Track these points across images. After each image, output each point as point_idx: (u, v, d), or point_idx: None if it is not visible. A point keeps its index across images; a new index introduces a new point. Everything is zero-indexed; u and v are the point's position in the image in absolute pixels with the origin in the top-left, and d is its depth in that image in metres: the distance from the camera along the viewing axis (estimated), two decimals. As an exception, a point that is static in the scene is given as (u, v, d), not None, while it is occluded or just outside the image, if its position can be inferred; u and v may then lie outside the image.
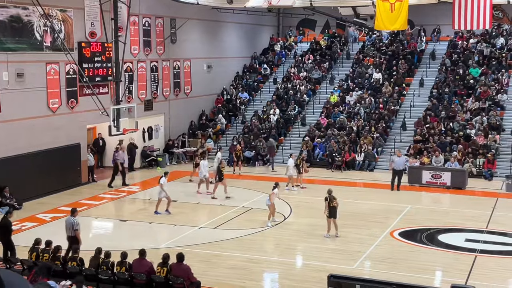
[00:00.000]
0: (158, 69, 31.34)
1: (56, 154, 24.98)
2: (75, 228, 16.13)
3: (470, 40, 36.78)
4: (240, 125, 34.58)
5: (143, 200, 24.63)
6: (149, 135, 31.22)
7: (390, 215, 21.15)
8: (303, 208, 22.44)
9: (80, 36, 26.07)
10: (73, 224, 16.16)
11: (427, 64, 36.12)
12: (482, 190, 25.41)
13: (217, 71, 36.43)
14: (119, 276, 13.38)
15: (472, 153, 28.03)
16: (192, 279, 13.17)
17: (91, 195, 24.72)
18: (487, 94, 31.93)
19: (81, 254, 14.18)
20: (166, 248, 16.90)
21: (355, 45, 40.13)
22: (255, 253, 17.35)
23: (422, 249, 17.87)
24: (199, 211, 22.10)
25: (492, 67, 34.10)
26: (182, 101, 33.45)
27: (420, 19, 37.62)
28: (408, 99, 33.86)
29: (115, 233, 20.21)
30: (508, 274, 16.03)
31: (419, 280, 14.56)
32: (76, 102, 26.12)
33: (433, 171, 26.08)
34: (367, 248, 17.57)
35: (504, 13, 38.05)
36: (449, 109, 31.34)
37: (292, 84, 36.87)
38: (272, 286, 15.63)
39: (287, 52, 41.19)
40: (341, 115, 32.83)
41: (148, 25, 30.49)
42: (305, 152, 29.61)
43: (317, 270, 15.64)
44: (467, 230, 19.76)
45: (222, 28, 36.84)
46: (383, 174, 28.37)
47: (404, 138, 30.82)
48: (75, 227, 16.14)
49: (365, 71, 36.32)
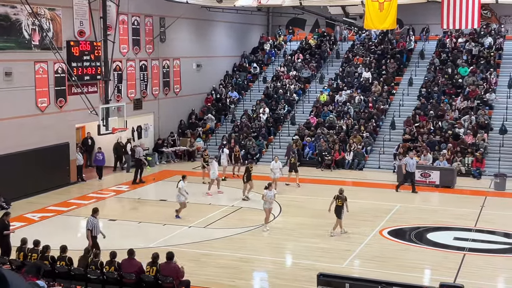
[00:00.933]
0: (147, 68, 31.26)
1: (45, 154, 24.86)
2: (87, 227, 16.05)
3: (459, 39, 36.94)
4: (229, 124, 34.57)
5: (133, 200, 24.56)
6: (138, 134, 31.13)
7: (379, 214, 21.20)
8: (293, 207, 22.45)
9: (68, 35, 25.95)
10: (87, 223, 16.13)
11: (416, 63, 36.25)
12: (470, 189, 25.52)
13: (206, 70, 36.37)
14: (108, 275, 13.33)
15: (461, 152, 28.17)
16: (181, 278, 13.16)
17: (80, 195, 24.62)
18: (476, 93, 32.09)
19: (70, 253, 14.10)
20: (155, 247, 16.84)
21: (345, 44, 40.21)
22: (245, 252, 17.34)
23: (411, 247, 17.94)
24: (189, 210, 22.03)
25: (481, 66, 34.27)
26: (172, 100, 33.38)
27: (409, 18, 37.76)
28: (397, 98, 33.97)
29: (104, 232, 20.09)
30: (497, 272, 16.12)
31: (408, 278, 14.61)
32: (65, 101, 26.00)
33: (422, 170, 26.17)
34: (357, 247, 17.62)
35: (492, 12, 38.25)
36: (438, 108, 31.47)
37: (281, 83, 36.89)
38: (262, 285, 15.63)
39: (277, 51, 41.21)
40: (330, 114, 32.88)
41: (137, 24, 30.39)
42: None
43: (306, 269, 15.66)
44: (456, 228, 19.85)
45: (211, 27, 36.79)
46: (372, 173, 28.50)
47: (393, 137, 30.93)
48: (88, 226, 16.06)
49: (355, 70, 36.41)
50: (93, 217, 16.22)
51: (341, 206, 18.45)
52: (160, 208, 22.55)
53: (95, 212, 16.35)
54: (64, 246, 14.17)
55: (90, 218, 16.25)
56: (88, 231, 16.04)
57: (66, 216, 21.47)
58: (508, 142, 29.17)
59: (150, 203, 23.92)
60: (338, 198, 18.52)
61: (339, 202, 18.47)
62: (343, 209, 18.48)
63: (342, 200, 18.47)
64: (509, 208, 22.51)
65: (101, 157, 27.21)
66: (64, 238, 16.10)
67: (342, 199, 18.48)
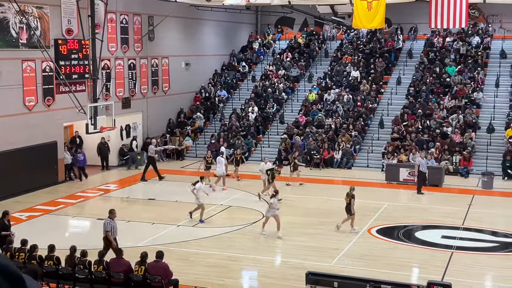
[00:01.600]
0: (136, 67, 31.16)
1: (33, 152, 24.72)
2: (105, 229, 15.57)
3: (447, 38, 37.13)
4: (218, 123, 34.54)
5: (121, 199, 24.50)
6: (127, 133, 31.04)
7: (368, 212, 21.25)
8: (282, 206, 22.38)
9: (56, 33, 25.82)
10: (105, 225, 15.64)
11: (404, 63, 36.39)
12: (458, 187, 25.67)
13: (195, 69, 36.32)
14: (96, 275, 13.29)
15: (449, 150, 28.32)
16: (170, 277, 13.15)
17: (68, 194, 24.52)
18: (463, 92, 32.26)
19: (57, 253, 14.04)
20: (144, 246, 16.81)
21: (333, 43, 40.29)
22: (234, 251, 17.35)
23: (399, 246, 18.02)
24: (177, 209, 22.01)
25: (468, 65, 34.46)
26: (160, 99, 33.30)
27: (397, 17, 37.90)
28: (385, 97, 34.10)
29: (93, 231, 20.05)
30: (484, 270, 16.21)
31: (396, 276, 14.66)
32: (53, 100, 25.88)
33: (410, 169, 26.28)
34: (345, 245, 17.66)
35: (480, 12, 38.46)
36: (426, 107, 31.61)
37: (270, 82, 36.90)
38: (251, 284, 15.64)
39: (266, 50, 41.22)
40: (319, 113, 32.93)
41: (126, 22, 30.30)
42: (283, 152, 29.62)
43: (295, 268, 15.68)
44: (444, 227, 19.96)
45: (200, 25, 36.73)
46: (361, 172, 28.58)
47: (381, 136, 31.03)
48: (106, 228, 15.55)
49: (343, 69, 36.49)
50: (109, 219, 15.68)
51: (349, 203, 18.78)
52: (149, 207, 22.51)
53: (112, 214, 15.83)
54: (52, 245, 14.10)
55: (107, 220, 15.68)
56: (107, 232, 15.45)
57: (53, 216, 21.37)
58: (495, 141, 29.36)
59: (138, 202, 23.86)
60: (347, 195, 18.92)
61: (347, 199, 18.84)
62: (351, 205, 18.77)
63: (349, 197, 18.78)
64: (497, 207, 22.68)
65: (82, 157, 26.94)
66: (52, 238, 16.03)
67: (349, 196, 18.79)
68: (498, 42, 36.47)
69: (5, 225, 15.99)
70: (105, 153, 29.10)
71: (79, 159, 26.93)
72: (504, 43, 36.17)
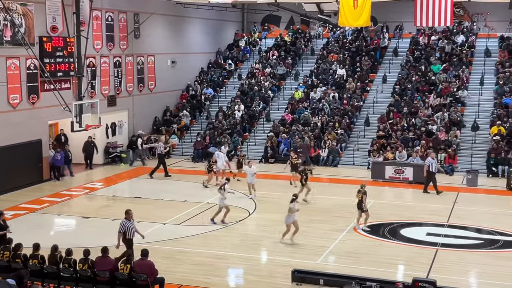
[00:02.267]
0: (121, 65, 31.02)
1: (17, 151, 24.54)
2: (119, 230, 15.22)
3: (432, 37, 37.31)
4: (204, 121, 34.49)
5: (106, 197, 24.40)
6: (112, 131, 30.90)
7: (354, 210, 21.26)
8: (268, 204, 22.49)
9: (41, 31, 25.64)
10: (120, 226, 15.28)
11: (389, 61, 36.53)
12: (443, 185, 25.74)
13: (181, 66, 36.23)
14: (81, 273, 13.22)
15: (434, 148, 28.46)
16: (155, 275, 13.12)
17: (53, 192, 24.38)
18: (448, 90, 32.45)
19: (42, 251, 13.96)
20: (130, 245, 16.75)
21: (319, 41, 40.37)
22: (220, 249, 17.34)
23: (385, 243, 18.09)
24: (163, 208, 21.95)
25: (453, 63, 34.66)
26: (146, 97, 33.19)
27: (383, 16, 38.06)
28: (371, 95, 34.21)
29: (78, 230, 19.96)
30: (469, 267, 16.32)
31: (382, 274, 14.72)
32: (37, 98, 25.71)
33: (395, 166, 26.40)
34: (331, 243, 17.71)
35: (464, 10, 38.72)
36: (412, 105, 31.76)
37: (256, 80, 36.90)
38: (237, 282, 15.63)
39: (252, 48, 41.20)
40: (305, 111, 32.97)
41: (111, 19, 30.14)
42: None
43: (281, 265, 15.71)
44: (429, 224, 20.07)
45: (186, 23, 36.64)
46: (347, 170, 28.67)
47: (367, 134, 31.14)
48: (120, 229, 15.22)
49: (329, 67, 36.56)
50: (125, 220, 15.33)
51: (361, 200, 19.04)
52: (135, 205, 22.39)
53: (128, 214, 15.43)
54: (37, 244, 14.00)
55: (123, 220, 15.35)
56: (120, 234, 15.13)
57: (38, 214, 21.24)
58: (480, 139, 29.56)
59: (124, 200, 23.76)
60: (358, 192, 19.20)
61: (359, 196, 19.07)
62: (363, 202, 19.04)
63: (361, 194, 19.04)
64: (481, 204, 22.83)
65: (59, 157, 26.37)
66: (37, 236, 15.91)
67: (361, 193, 19.07)
68: (482, 41, 36.73)
69: (1, 225, 15.85)
70: (90, 151, 28.92)
71: (56, 158, 26.30)
72: (488, 41, 36.43)
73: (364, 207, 19.07)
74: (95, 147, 28.95)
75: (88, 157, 28.93)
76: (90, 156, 28.94)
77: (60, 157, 26.42)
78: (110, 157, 30.19)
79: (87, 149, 28.76)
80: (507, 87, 31.91)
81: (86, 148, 28.76)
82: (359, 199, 19.13)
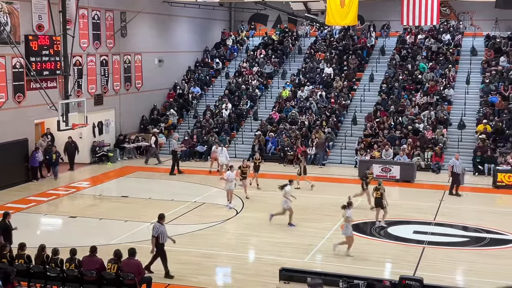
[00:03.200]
0: (108, 63, 30.89)
1: (3, 150, 24.38)
2: (153, 234, 14.87)
3: (419, 35, 37.48)
4: (192, 120, 34.43)
5: (93, 196, 24.30)
6: (99, 130, 30.75)
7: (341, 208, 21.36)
8: (255, 202, 22.49)
9: (27, 29, 25.47)
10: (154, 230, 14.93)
11: (376, 59, 36.65)
12: (430, 183, 25.95)
13: (168, 65, 36.14)
14: (68, 273, 13.16)
15: (421, 146, 28.60)
16: (142, 274, 13.08)
17: (40, 192, 24.24)
18: (435, 89, 32.61)
19: (28, 251, 13.87)
20: (117, 244, 16.71)
21: (307, 40, 40.43)
22: (208, 248, 17.32)
23: (372, 241, 18.16)
24: (150, 207, 21.88)
25: (440, 62, 34.83)
26: (133, 96, 33.07)
27: (370, 14, 38.21)
28: (358, 93, 34.31)
29: (65, 229, 19.87)
30: (455, 265, 16.42)
31: (369, 272, 14.77)
32: (24, 97, 25.54)
33: (382, 165, 26.50)
34: (319, 241, 17.74)
35: (451, 9, 38.94)
36: (398, 104, 31.88)
37: (244, 78, 36.89)
38: (225, 281, 15.62)
39: (239, 47, 41.18)
40: (293, 109, 33.00)
41: (98, 18, 30.01)
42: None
43: (269, 264, 15.72)
44: (416, 222, 20.17)
45: (173, 22, 36.55)
46: (334, 168, 28.72)
47: (354, 133, 31.22)
48: (153, 233, 14.85)
49: (317, 66, 36.62)
50: (159, 223, 15.02)
51: (380, 197, 19.40)
52: (122, 205, 22.37)
53: (161, 218, 15.10)
54: (23, 243, 13.91)
55: (156, 224, 15.06)
56: (154, 238, 14.82)
57: (24, 214, 21.10)
58: (466, 137, 29.73)
59: (111, 199, 23.68)
60: (377, 189, 19.52)
61: (378, 193, 19.43)
62: (382, 199, 19.41)
63: (380, 191, 19.40)
64: (467, 202, 22.97)
65: (38, 157, 25.83)
66: (23, 236, 15.79)
67: (380, 190, 19.41)
68: (469, 39, 36.97)
69: (7, 225, 15.73)
70: (71, 152, 28.36)
71: (35, 158, 25.76)
72: (474, 40, 36.67)
73: (384, 204, 19.34)
74: (76, 148, 28.50)
75: (70, 158, 28.45)
76: (72, 157, 28.44)
77: (38, 157, 25.81)
78: (97, 156, 30.03)
79: (68, 150, 28.27)
80: (493, 85, 32.12)
81: (67, 149, 28.26)
82: (377, 196, 19.44)
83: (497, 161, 26.81)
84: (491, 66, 33.79)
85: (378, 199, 19.47)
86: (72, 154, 28.46)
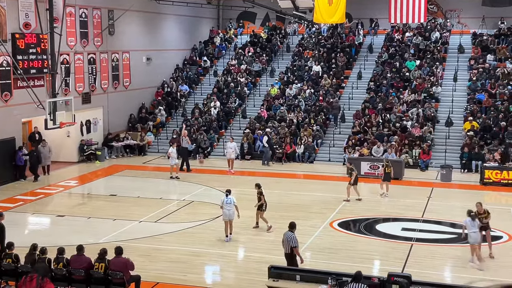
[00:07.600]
0: (96, 61, 30.76)
1: (-10, 149, 24.25)
2: (292, 244, 14.16)
3: (406, 33, 37.61)
4: (180, 118, 34.36)
5: (82, 195, 24.21)
6: (87, 128, 30.62)
7: (330, 206, 21.44)
8: (244, 200, 22.40)
9: (14, 27, 25.30)
10: (288, 240, 14.21)
11: (364, 57, 36.74)
12: (418, 180, 26.06)
13: (156, 63, 36.04)
14: (56, 272, 13.09)
15: (408, 144, 28.72)
16: (130, 270, 13.04)
17: (27, 190, 24.12)
18: (423, 86, 32.74)
19: (16, 250, 13.79)
20: (105, 242, 16.66)
21: (295, 38, 40.46)
22: (196, 246, 17.30)
23: (361, 238, 18.21)
24: (139, 205, 21.84)
25: (427, 60, 34.97)
26: (121, 94, 32.96)
27: (357, 12, 38.31)
28: (346, 91, 34.38)
29: (52, 228, 19.78)
30: (443, 261, 16.50)
31: (357, 269, 14.76)
32: (11, 95, 25.38)
33: (371, 162, 26.58)
34: (308, 239, 17.77)
35: (438, 7, 39.11)
36: (386, 101, 31.99)
37: (232, 76, 36.86)
38: (214, 279, 15.62)
39: (227, 45, 41.13)
40: (281, 107, 33.03)
41: (85, 16, 29.86)
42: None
43: (258, 262, 15.73)
44: (404, 219, 20.25)
45: (161, 20, 36.45)
46: (322, 166, 28.78)
47: (343, 130, 31.29)
48: (293, 244, 14.17)
49: (305, 63, 36.66)
50: (291, 232, 14.31)
51: (389, 172, 22.92)
52: (110, 203, 22.30)
53: (293, 227, 14.44)
54: (11, 242, 13.84)
55: (289, 233, 14.29)
56: (295, 248, 14.17)
57: (12, 213, 20.96)
58: (454, 134, 29.88)
59: (99, 198, 23.60)
60: (387, 166, 22.88)
61: (388, 169, 22.82)
62: (391, 174, 23.06)
63: (390, 167, 22.94)
64: (455, 199, 23.09)
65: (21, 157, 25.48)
66: (11, 235, 15.71)
67: (389, 166, 22.96)
68: (456, 37, 37.15)
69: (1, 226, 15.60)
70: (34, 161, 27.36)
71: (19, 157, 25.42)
72: (461, 38, 36.85)
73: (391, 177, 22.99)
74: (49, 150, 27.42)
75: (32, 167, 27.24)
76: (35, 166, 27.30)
77: (22, 157, 25.46)
78: (85, 154, 29.91)
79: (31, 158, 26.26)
80: (480, 83, 32.30)
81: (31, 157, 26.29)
82: (388, 171, 22.77)
83: (484, 158, 26.96)
84: (478, 63, 33.98)
85: (388, 174, 22.73)
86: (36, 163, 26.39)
